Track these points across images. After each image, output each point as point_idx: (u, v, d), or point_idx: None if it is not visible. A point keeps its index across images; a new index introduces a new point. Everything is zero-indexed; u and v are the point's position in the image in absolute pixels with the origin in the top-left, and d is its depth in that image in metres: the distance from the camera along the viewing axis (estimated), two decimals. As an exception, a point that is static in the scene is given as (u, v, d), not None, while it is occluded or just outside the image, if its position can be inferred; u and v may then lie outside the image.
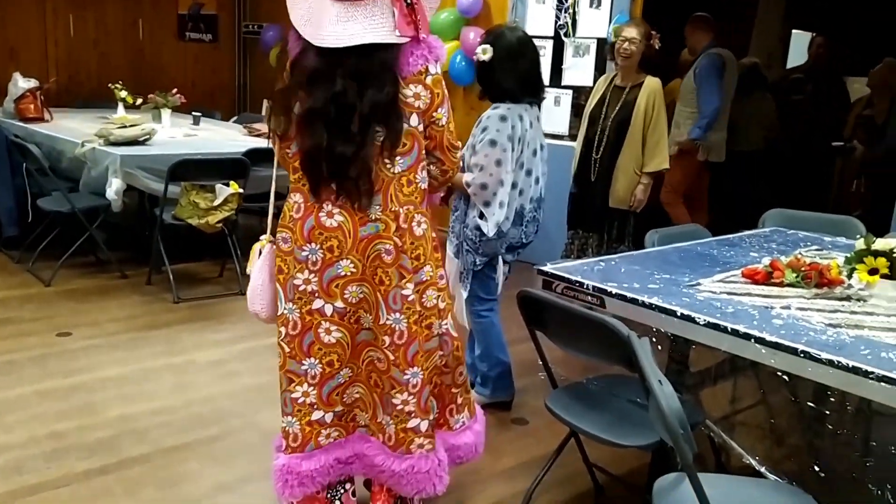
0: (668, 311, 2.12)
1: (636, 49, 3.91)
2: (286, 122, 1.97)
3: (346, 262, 1.98)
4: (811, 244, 3.07)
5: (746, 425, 2.99)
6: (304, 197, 2.01)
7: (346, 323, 2.04)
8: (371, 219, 1.97)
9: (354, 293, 2.01)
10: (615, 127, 3.98)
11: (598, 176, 4.06)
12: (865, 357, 1.81)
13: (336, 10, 1.88)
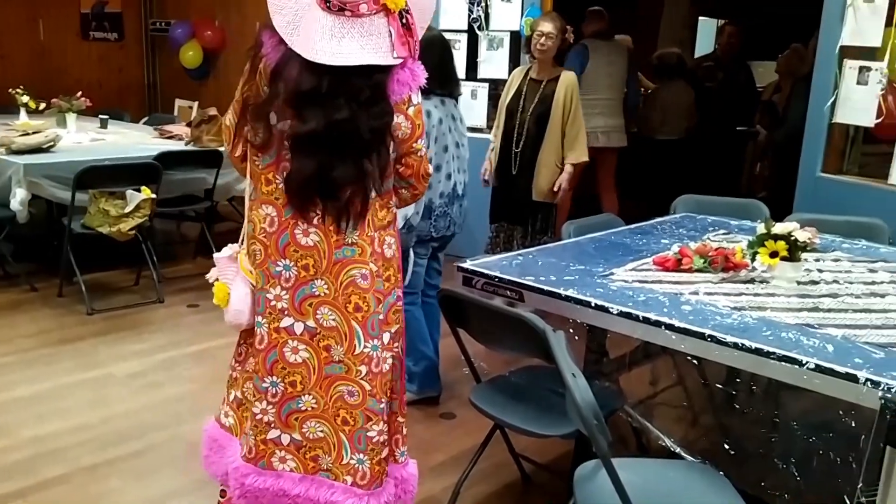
0: (583, 303, 2.18)
1: (552, 44, 3.96)
2: (266, 133, 1.88)
3: (320, 282, 1.92)
4: (719, 229, 3.19)
5: (665, 406, 3.11)
6: (277, 210, 1.92)
7: (315, 345, 1.96)
8: (347, 242, 1.91)
9: (327, 317, 1.94)
10: (534, 121, 4.02)
11: (519, 170, 4.09)
12: (767, 338, 1.91)
13: (330, 23, 1.78)
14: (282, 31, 1.80)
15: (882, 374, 1.69)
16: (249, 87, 1.91)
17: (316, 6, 1.79)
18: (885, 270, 2.59)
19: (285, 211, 1.90)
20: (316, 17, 1.78)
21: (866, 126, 3.84)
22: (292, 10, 1.80)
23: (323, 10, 1.78)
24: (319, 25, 1.77)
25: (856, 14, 3.73)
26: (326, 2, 1.78)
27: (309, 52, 1.76)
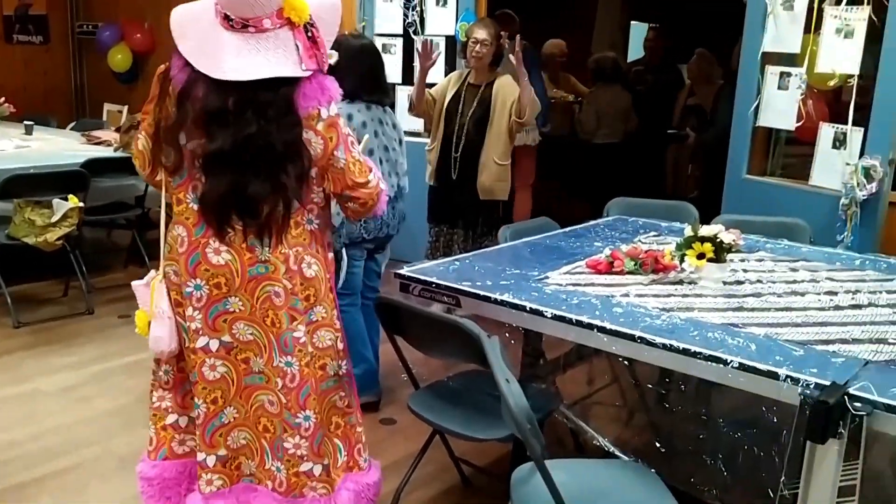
0: (518, 307, 2.21)
1: (487, 51, 3.99)
2: (177, 155, 1.87)
3: (234, 299, 1.92)
4: (650, 230, 3.27)
5: (601, 405, 3.17)
6: (188, 230, 1.92)
7: (232, 359, 1.96)
8: (260, 259, 1.91)
9: (243, 332, 1.94)
10: (473, 124, 4.05)
11: (459, 173, 4.11)
12: (694, 338, 1.97)
13: (235, 41, 1.79)
14: (188, 55, 1.80)
15: (801, 370, 1.77)
16: (160, 109, 1.90)
17: (219, 27, 1.80)
18: (805, 269, 2.70)
19: (195, 230, 1.90)
20: (220, 37, 1.79)
21: (788, 129, 3.99)
22: (196, 33, 1.82)
23: (227, 30, 1.80)
24: (225, 45, 1.78)
25: (776, 21, 3.88)
26: (229, 21, 1.79)
27: (216, 72, 1.77)
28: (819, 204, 3.69)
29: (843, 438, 1.64)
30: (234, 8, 1.79)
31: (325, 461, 2.09)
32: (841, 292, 2.42)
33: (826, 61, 3.66)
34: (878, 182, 3.44)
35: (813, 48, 3.73)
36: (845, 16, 3.57)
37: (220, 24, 1.80)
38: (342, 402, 2.14)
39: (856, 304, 2.31)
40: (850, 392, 1.66)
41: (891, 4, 3.38)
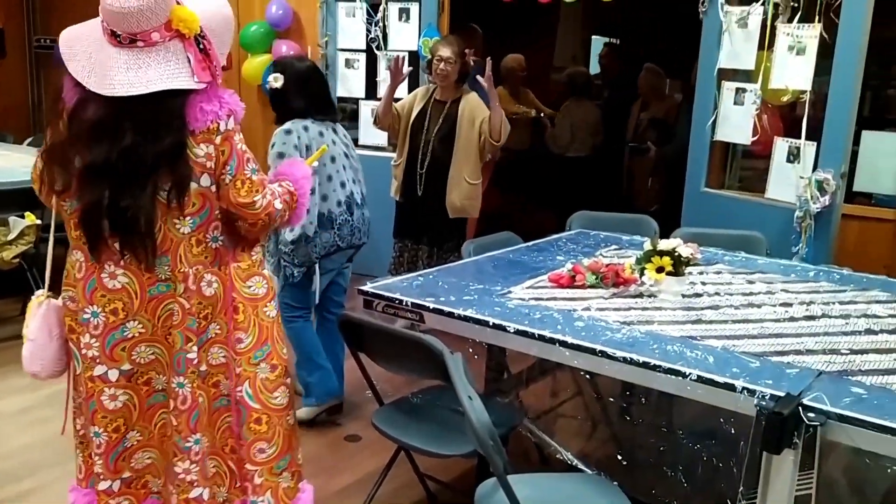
0: (481, 322, 2.23)
1: (451, 68, 4.01)
2: (66, 176, 1.83)
3: (133, 323, 1.89)
4: (611, 244, 3.31)
5: (565, 418, 3.20)
6: (84, 255, 1.89)
7: (133, 385, 1.94)
8: (160, 278, 1.89)
9: (144, 354, 1.91)
10: (439, 141, 4.05)
11: (424, 190, 4.11)
12: (654, 351, 2.00)
13: (125, 57, 1.77)
14: (78, 75, 1.78)
15: (757, 382, 1.80)
16: (53, 131, 1.88)
17: (107, 44, 1.79)
18: (761, 282, 2.76)
19: (92, 256, 1.87)
20: (109, 53, 1.78)
21: (744, 143, 4.08)
22: (85, 53, 1.80)
23: (115, 46, 1.78)
24: (114, 62, 1.77)
25: (731, 38, 3.98)
26: (116, 37, 1.78)
27: (106, 88, 1.75)
28: (775, 216, 3.77)
29: (798, 449, 1.68)
30: (119, 24, 1.76)
31: (218, 487, 2.05)
32: (796, 304, 2.48)
33: (779, 77, 3.76)
34: (830, 195, 3.54)
35: (767, 64, 3.83)
36: (797, 33, 3.67)
37: (108, 41, 1.79)
38: (236, 427, 2.08)
39: (810, 316, 2.36)
40: (803, 403, 1.70)
41: (840, 23, 3.48)
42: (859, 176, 4.01)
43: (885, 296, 2.61)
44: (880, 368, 1.95)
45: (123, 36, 1.77)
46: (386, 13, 5.21)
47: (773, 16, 3.78)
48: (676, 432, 2.40)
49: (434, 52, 4.09)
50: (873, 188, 4.04)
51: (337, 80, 5.51)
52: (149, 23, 1.76)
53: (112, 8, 1.75)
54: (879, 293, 2.65)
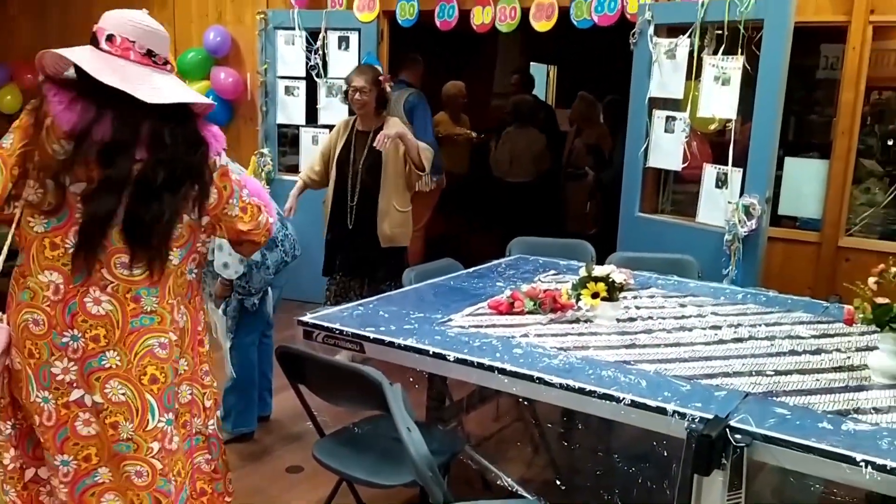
0: (421, 351, 2.24)
1: (367, 97, 3.99)
2: (59, 196, 1.79)
3: (111, 353, 1.84)
4: (549, 269, 3.38)
5: (508, 442, 3.23)
6: (64, 277, 1.83)
7: (101, 422, 1.87)
8: (145, 310, 1.85)
9: (116, 390, 1.84)
10: (367, 172, 4.03)
11: (355, 223, 4.07)
12: (589, 377, 2.05)
13: (160, 76, 1.87)
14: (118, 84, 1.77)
15: (687, 405, 1.87)
16: (30, 143, 1.82)
17: (136, 64, 1.86)
18: (692, 305, 2.85)
19: (75, 278, 1.82)
20: (142, 72, 1.85)
21: (675, 170, 4.22)
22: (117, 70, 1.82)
23: (147, 66, 1.86)
24: (153, 78, 1.84)
25: (660, 69, 4.12)
26: (152, 57, 1.87)
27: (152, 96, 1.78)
28: (706, 240, 3.90)
29: (727, 469, 1.74)
30: (158, 45, 1.88)
31: None
32: (724, 326, 2.57)
33: (706, 106, 3.91)
34: (757, 219, 3.67)
35: (695, 94, 3.98)
36: (722, 65, 3.83)
37: (139, 61, 1.85)
38: (208, 465, 2.07)
39: (738, 338, 2.45)
40: (731, 425, 1.77)
41: (761, 56, 3.65)
42: (784, 200, 4.19)
43: (807, 317, 2.73)
44: (803, 389, 2.03)
45: (159, 57, 1.87)
46: (325, 41, 5.24)
47: (699, 48, 3.93)
48: (612, 456, 2.45)
49: (349, 83, 4.07)
50: (797, 212, 4.22)
51: (277, 107, 5.50)
52: (168, 51, 1.93)
53: (154, 30, 1.89)
54: (803, 314, 2.76)
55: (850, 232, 4.05)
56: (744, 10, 3.70)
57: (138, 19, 1.88)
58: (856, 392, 2.02)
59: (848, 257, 4.00)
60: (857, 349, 2.36)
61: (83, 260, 1.81)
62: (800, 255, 4.11)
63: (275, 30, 5.37)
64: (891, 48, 4.85)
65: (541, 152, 6.09)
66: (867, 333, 2.37)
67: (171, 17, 6.07)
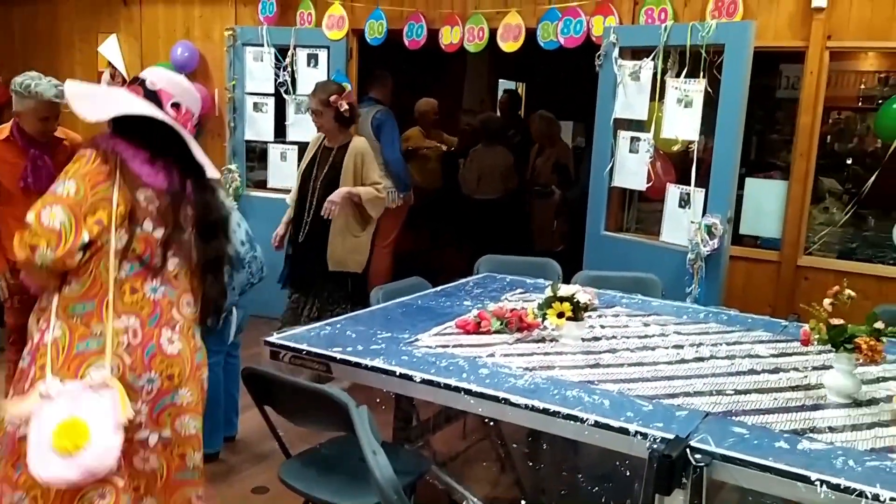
0: (388, 372, 2.25)
1: (322, 118, 4.00)
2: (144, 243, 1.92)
3: (184, 391, 1.91)
4: (516, 288, 3.41)
5: (475, 461, 3.24)
6: (141, 321, 1.87)
7: (167, 454, 1.91)
8: (199, 346, 1.96)
9: (188, 425, 1.91)
10: (324, 189, 4.00)
11: (307, 238, 4.04)
12: (554, 398, 2.08)
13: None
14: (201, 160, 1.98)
15: (649, 425, 1.90)
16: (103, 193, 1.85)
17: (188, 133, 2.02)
18: (656, 324, 2.90)
19: (149, 321, 1.88)
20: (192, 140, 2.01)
21: (640, 189, 4.29)
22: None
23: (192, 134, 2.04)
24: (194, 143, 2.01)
25: (625, 91, 4.20)
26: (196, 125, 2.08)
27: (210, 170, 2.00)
28: (670, 258, 3.97)
29: (687, 489, 1.78)
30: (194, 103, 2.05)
31: None
32: (686, 345, 2.62)
33: (670, 128, 3.99)
34: (719, 238, 3.75)
35: (658, 115, 4.06)
36: (684, 87, 3.92)
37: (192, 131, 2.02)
38: (198, 501, 2.08)
39: (699, 357, 2.50)
40: (691, 445, 1.80)
41: (722, 80, 3.74)
42: (745, 220, 4.28)
43: (767, 336, 2.79)
44: (761, 408, 2.08)
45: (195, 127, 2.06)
46: (294, 58, 5.25)
47: (662, 70, 4.02)
48: (577, 476, 2.48)
49: (308, 104, 4.10)
50: (758, 231, 4.31)
51: (245, 123, 5.49)
52: None
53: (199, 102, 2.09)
54: (762, 333, 2.83)
55: (809, 251, 4.15)
56: (705, 34, 3.79)
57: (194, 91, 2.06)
58: (812, 411, 2.08)
59: (807, 276, 4.10)
60: (813, 368, 2.42)
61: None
62: (761, 274, 4.21)
63: (243, 46, 5.37)
64: (849, 69, 5.01)
65: (508, 170, 6.15)
66: (824, 352, 2.43)
67: (139, 31, 6.05)
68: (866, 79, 5.22)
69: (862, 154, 5.31)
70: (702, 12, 4.13)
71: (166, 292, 1.92)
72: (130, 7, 6.04)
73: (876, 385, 2.31)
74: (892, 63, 4.69)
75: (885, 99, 4.19)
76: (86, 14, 6.24)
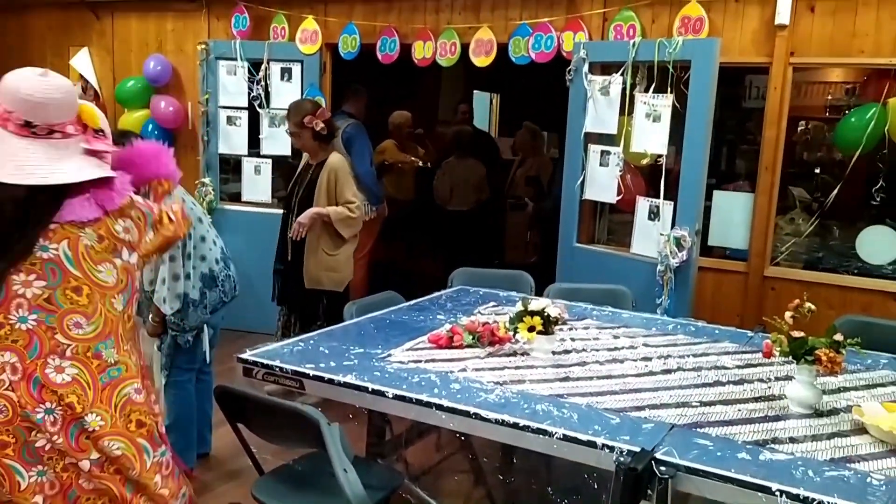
0: (360, 388, 2.28)
1: (299, 140, 4.04)
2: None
3: (91, 416, 1.81)
4: (490, 301, 3.44)
5: (448, 475, 3.26)
6: (18, 354, 1.77)
7: (109, 473, 1.85)
8: (110, 363, 1.85)
9: (110, 448, 1.83)
10: (299, 205, 4.05)
11: (292, 255, 4.09)
12: (524, 412, 2.11)
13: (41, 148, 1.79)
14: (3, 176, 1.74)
15: (616, 438, 1.94)
16: None
17: (13, 136, 1.79)
18: (625, 336, 2.95)
19: (28, 353, 1.77)
20: (19, 145, 1.78)
21: (611, 202, 4.35)
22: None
23: (26, 138, 1.79)
24: (29, 152, 1.78)
25: (595, 105, 4.26)
26: (31, 128, 1.79)
27: (27, 178, 1.74)
28: (640, 270, 4.03)
29: (653, 500, 1.82)
30: (38, 114, 1.79)
31: None
32: (654, 357, 2.67)
33: (639, 142, 4.07)
34: (687, 250, 3.82)
35: (628, 129, 4.13)
36: (653, 102, 3.99)
37: (16, 132, 1.79)
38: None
39: (666, 369, 2.55)
40: (656, 457, 1.85)
41: (689, 95, 3.82)
42: (713, 231, 4.36)
43: (733, 347, 2.85)
44: (725, 420, 2.13)
45: (41, 127, 1.79)
46: (268, 72, 5.26)
47: (631, 85, 4.09)
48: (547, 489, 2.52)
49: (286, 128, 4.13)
50: (726, 243, 4.39)
51: (218, 137, 5.49)
52: (66, 115, 1.82)
53: (34, 98, 1.77)
54: (729, 344, 2.89)
55: (776, 262, 4.24)
56: (672, 51, 3.87)
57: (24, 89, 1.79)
58: (774, 422, 2.13)
59: (773, 286, 4.18)
60: (777, 378, 2.48)
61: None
62: (729, 285, 4.28)
63: (216, 60, 5.37)
64: (816, 80, 5.13)
65: (480, 182, 6.20)
66: (788, 363, 2.49)
67: (111, 45, 6.03)
68: (833, 89, 5.35)
69: (830, 163, 5.42)
70: (669, 29, 4.22)
71: (41, 319, 1.79)
72: (102, 20, 6.03)
73: (836, 395, 2.37)
74: (857, 74, 4.81)
75: (851, 109, 4.30)
76: (57, 28, 6.22)
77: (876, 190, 4.06)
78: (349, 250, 4.16)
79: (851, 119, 4.05)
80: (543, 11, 4.58)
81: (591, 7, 4.48)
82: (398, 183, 6.47)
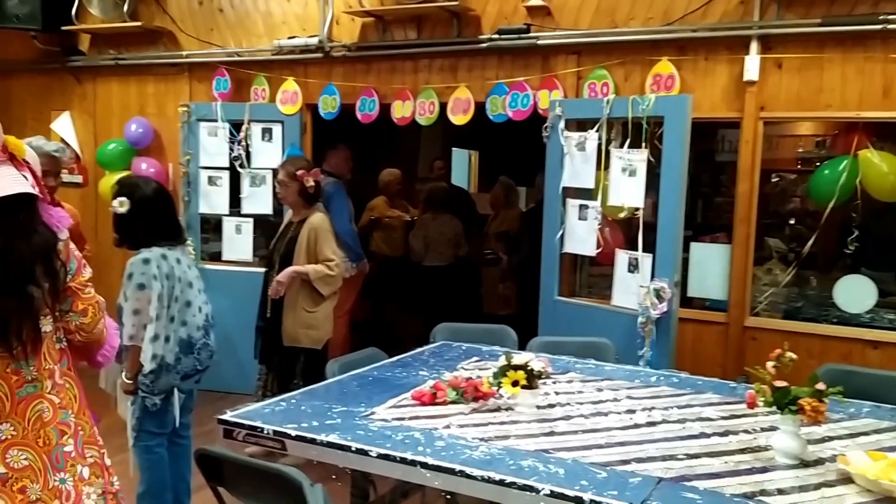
0: (343, 448, 2.24)
1: (286, 190, 4.07)
2: None
3: (5, 425, 1.84)
4: (472, 356, 3.43)
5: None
6: None
7: (8, 491, 1.85)
8: (27, 380, 1.87)
9: (17, 458, 1.85)
10: (280, 263, 4.05)
11: (271, 312, 4.08)
12: (510, 468, 2.09)
13: None
14: None
15: (603, 493, 1.92)
16: None
17: None
18: (609, 389, 2.94)
19: None
20: None
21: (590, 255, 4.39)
22: None
23: None
24: None
25: (572, 161, 4.33)
26: None
27: None
28: (621, 322, 4.04)
29: (642, 556, 1.79)
30: None
31: None
32: (639, 410, 2.66)
33: (616, 195, 4.13)
34: (668, 301, 3.85)
35: (605, 183, 4.19)
36: (628, 157, 4.07)
37: None
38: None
39: (651, 422, 2.54)
40: (644, 512, 1.83)
41: (664, 149, 3.90)
42: (692, 283, 4.40)
43: (717, 398, 2.85)
44: (712, 472, 2.12)
45: None
46: (249, 133, 5.31)
47: (606, 141, 4.17)
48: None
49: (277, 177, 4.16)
50: (705, 294, 4.43)
51: (199, 197, 5.50)
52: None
53: None
54: (712, 395, 2.89)
55: (755, 312, 4.27)
56: (645, 107, 3.96)
57: None
58: (761, 473, 2.12)
59: (754, 336, 4.21)
60: (762, 429, 2.48)
61: None
62: (710, 335, 4.31)
63: (198, 122, 5.42)
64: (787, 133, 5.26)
65: (457, 237, 6.24)
66: (772, 413, 2.49)
67: (92, 108, 6.07)
68: (803, 142, 5.48)
69: (803, 214, 5.51)
70: (641, 86, 4.33)
71: None
72: (84, 84, 6.08)
73: (822, 444, 2.37)
74: (827, 128, 4.94)
75: (821, 161, 4.41)
76: (38, 92, 6.26)
77: (851, 240, 4.13)
78: (328, 308, 4.14)
79: (825, 171, 4.15)
80: (519, 71, 4.69)
81: (565, 66, 4.60)
82: (389, 239, 6.52)
